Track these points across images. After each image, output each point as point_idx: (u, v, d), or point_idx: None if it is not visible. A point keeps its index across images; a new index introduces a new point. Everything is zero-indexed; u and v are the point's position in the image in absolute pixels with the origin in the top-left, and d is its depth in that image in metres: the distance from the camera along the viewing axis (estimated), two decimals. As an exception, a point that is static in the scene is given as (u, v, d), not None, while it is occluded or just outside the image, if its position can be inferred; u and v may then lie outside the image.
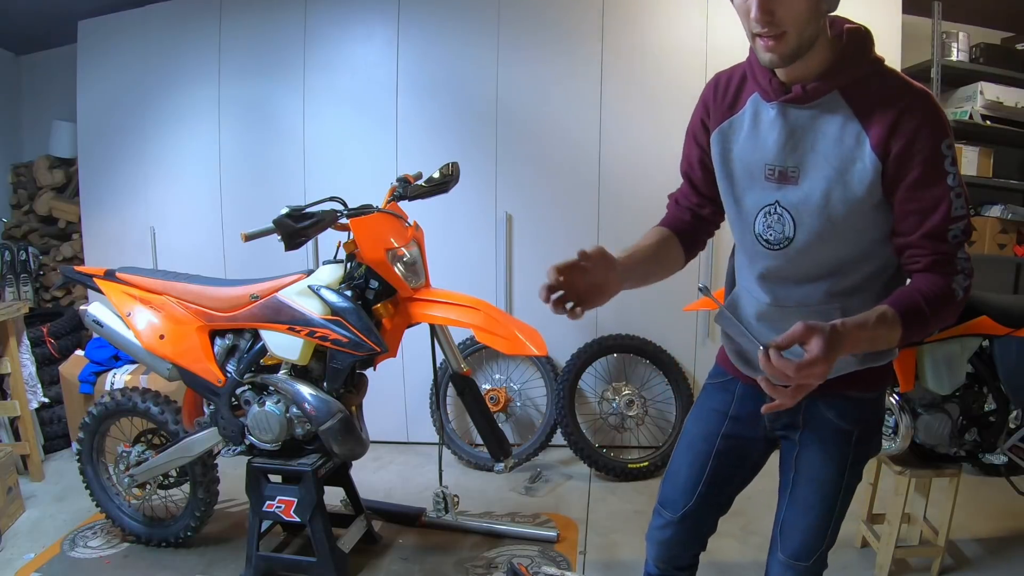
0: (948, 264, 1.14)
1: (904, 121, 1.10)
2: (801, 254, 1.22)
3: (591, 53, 3.26)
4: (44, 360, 3.39)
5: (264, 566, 2.24)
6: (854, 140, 1.14)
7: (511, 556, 2.44)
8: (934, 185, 1.11)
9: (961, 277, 1.14)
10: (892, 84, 1.15)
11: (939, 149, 1.10)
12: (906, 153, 1.10)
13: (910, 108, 1.11)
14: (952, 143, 1.11)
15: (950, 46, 3.37)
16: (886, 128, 1.11)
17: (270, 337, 2.16)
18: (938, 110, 1.12)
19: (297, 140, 3.41)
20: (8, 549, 2.50)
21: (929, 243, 1.14)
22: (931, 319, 1.11)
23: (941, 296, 1.12)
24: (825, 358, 0.99)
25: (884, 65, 1.17)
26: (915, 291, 1.13)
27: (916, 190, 1.12)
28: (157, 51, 3.53)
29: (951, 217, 1.12)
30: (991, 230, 3.42)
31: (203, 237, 3.54)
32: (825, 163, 1.16)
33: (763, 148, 1.22)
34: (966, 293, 1.14)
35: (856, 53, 1.15)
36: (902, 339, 1.10)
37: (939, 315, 1.13)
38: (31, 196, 4.13)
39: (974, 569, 2.37)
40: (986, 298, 2.09)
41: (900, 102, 1.11)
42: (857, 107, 1.14)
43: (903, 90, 1.13)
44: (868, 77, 1.15)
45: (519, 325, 2.20)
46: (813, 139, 1.17)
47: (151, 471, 2.38)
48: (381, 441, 3.38)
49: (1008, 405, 2.14)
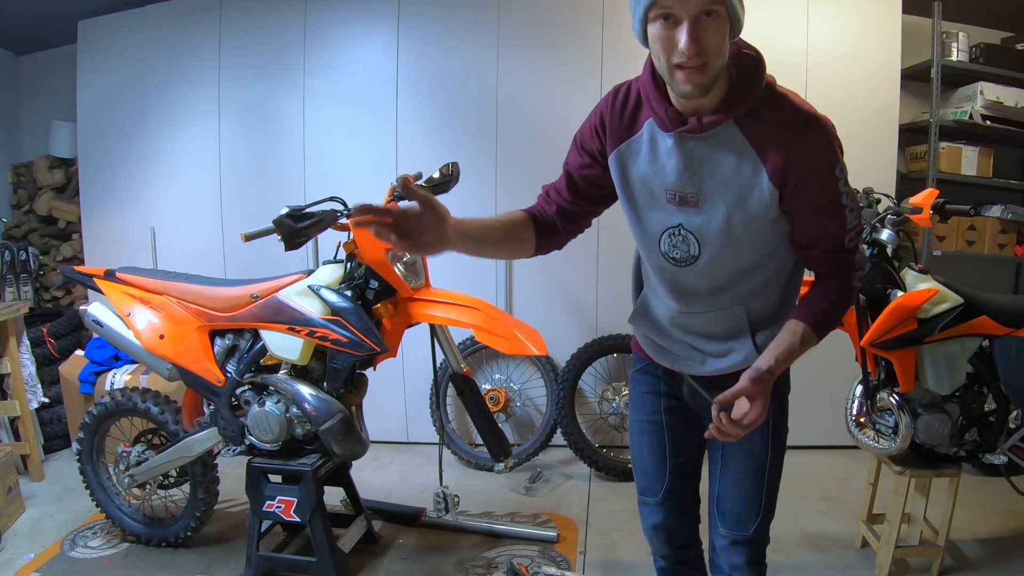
0: (848, 267, 1.26)
1: (799, 153, 1.15)
2: (707, 268, 1.27)
3: (591, 53, 3.26)
4: (44, 360, 3.39)
5: (264, 566, 2.23)
6: (751, 170, 1.17)
7: (511, 556, 2.44)
8: (831, 208, 1.19)
9: (859, 272, 1.27)
10: (786, 114, 1.17)
11: (833, 174, 1.17)
12: (802, 182, 1.16)
13: (805, 140, 1.15)
14: (843, 165, 1.18)
15: (950, 46, 3.37)
16: (782, 160, 1.15)
17: (270, 337, 2.16)
18: (829, 137, 1.16)
19: (297, 140, 3.41)
20: (8, 549, 2.50)
21: (832, 256, 1.25)
22: (837, 319, 1.27)
23: (844, 296, 1.27)
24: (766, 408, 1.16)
25: (776, 90, 1.19)
26: (822, 299, 1.26)
27: (815, 214, 1.20)
28: (157, 51, 3.53)
29: (849, 229, 1.22)
30: (991, 230, 3.42)
31: (203, 237, 3.53)
32: (725, 190, 1.20)
33: (663, 173, 1.23)
34: (862, 281, 1.31)
35: (748, 82, 1.16)
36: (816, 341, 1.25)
37: (843, 311, 1.29)
38: (31, 196, 4.12)
39: (974, 569, 2.36)
40: (986, 298, 2.09)
41: (794, 134, 1.15)
42: (752, 138, 1.16)
43: (796, 120, 1.16)
44: (762, 106, 1.16)
45: (519, 325, 2.20)
46: (711, 168, 1.19)
47: (151, 471, 2.38)
48: (381, 441, 3.38)
49: (1008, 405, 2.14)
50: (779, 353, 1.21)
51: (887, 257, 2.13)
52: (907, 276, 2.12)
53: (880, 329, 2.02)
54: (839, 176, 1.18)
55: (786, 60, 3.21)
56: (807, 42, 3.20)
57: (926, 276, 2.11)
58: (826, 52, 3.21)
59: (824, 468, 3.22)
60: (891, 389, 2.12)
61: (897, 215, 2.10)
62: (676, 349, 1.41)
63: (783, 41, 3.21)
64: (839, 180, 1.18)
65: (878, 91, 3.23)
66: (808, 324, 1.23)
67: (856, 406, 2.24)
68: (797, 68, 3.20)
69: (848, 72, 3.22)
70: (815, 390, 3.34)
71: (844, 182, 1.19)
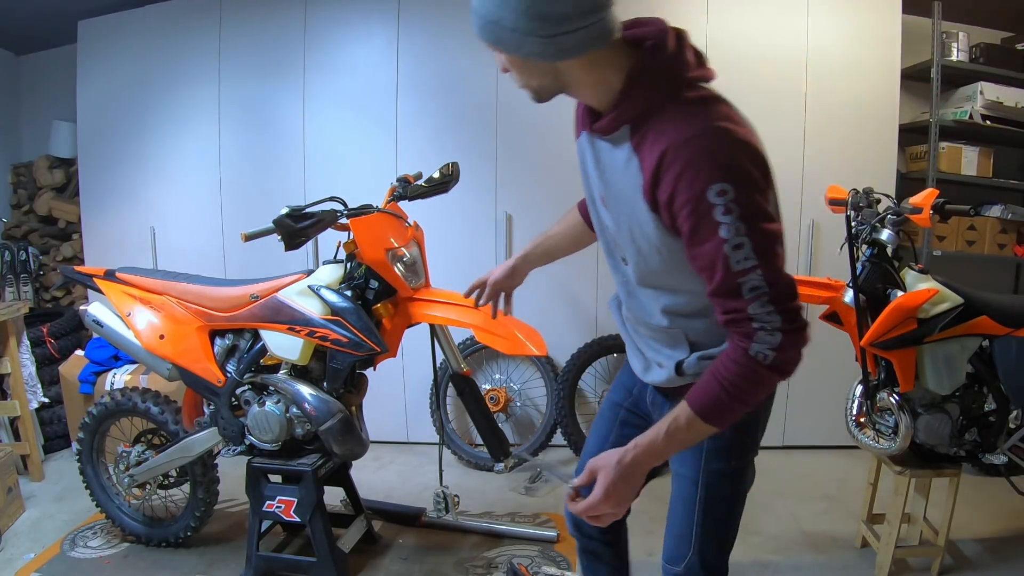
0: (743, 324, 1.00)
1: (663, 169, 0.99)
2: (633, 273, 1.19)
3: (591, 53, 3.26)
4: (44, 360, 3.39)
5: (264, 566, 2.23)
6: (634, 181, 1.06)
7: (511, 556, 2.44)
8: (706, 239, 0.98)
9: (763, 335, 0.99)
10: (668, 118, 1.01)
11: (705, 198, 0.95)
12: (670, 204, 1.00)
13: (671, 153, 0.98)
14: (728, 187, 0.95)
15: (950, 46, 3.37)
16: (651, 174, 1.01)
17: (270, 337, 2.16)
18: (706, 151, 0.97)
19: (297, 140, 3.41)
20: (8, 549, 2.50)
21: (719, 301, 1.02)
22: (735, 399, 1.02)
23: (739, 369, 1.01)
24: (606, 498, 1.07)
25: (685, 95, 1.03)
26: (713, 374, 1.04)
27: (691, 245, 1.01)
28: (157, 51, 3.53)
29: (734, 272, 0.98)
30: (991, 230, 3.42)
31: (203, 237, 3.54)
32: (621, 196, 1.11)
33: (587, 171, 1.21)
34: (782, 352, 1.00)
35: (635, 82, 1.03)
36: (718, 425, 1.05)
37: (744, 390, 1.02)
38: (31, 196, 4.13)
39: (974, 569, 2.37)
40: (986, 298, 2.09)
41: (666, 143, 0.99)
42: (637, 146, 1.04)
43: (674, 127, 1.00)
44: (658, 112, 1.03)
45: (519, 325, 2.20)
46: (612, 172, 1.12)
47: (151, 471, 2.38)
48: (381, 441, 3.38)
49: (1008, 405, 2.14)
50: (639, 440, 1.07)
51: (887, 257, 2.13)
52: (907, 276, 2.12)
53: (880, 329, 2.02)
54: (715, 201, 0.95)
55: (786, 60, 3.21)
56: (807, 42, 3.21)
57: (926, 276, 2.11)
58: (826, 52, 3.21)
59: (824, 468, 3.22)
60: (891, 389, 2.13)
61: (897, 215, 2.10)
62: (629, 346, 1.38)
63: (783, 41, 3.21)
64: (716, 206, 0.95)
65: (878, 91, 3.23)
66: (690, 405, 1.04)
67: (856, 406, 2.24)
68: (797, 68, 3.21)
69: (848, 72, 3.22)
70: (815, 390, 3.34)
71: (725, 209, 0.95)
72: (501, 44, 1.02)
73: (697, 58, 1.07)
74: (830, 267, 3.11)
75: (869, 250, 2.14)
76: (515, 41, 1.00)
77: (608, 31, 1.00)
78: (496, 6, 0.97)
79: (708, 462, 1.26)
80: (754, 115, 1.13)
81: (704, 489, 1.27)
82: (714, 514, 1.29)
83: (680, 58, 1.04)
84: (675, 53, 1.04)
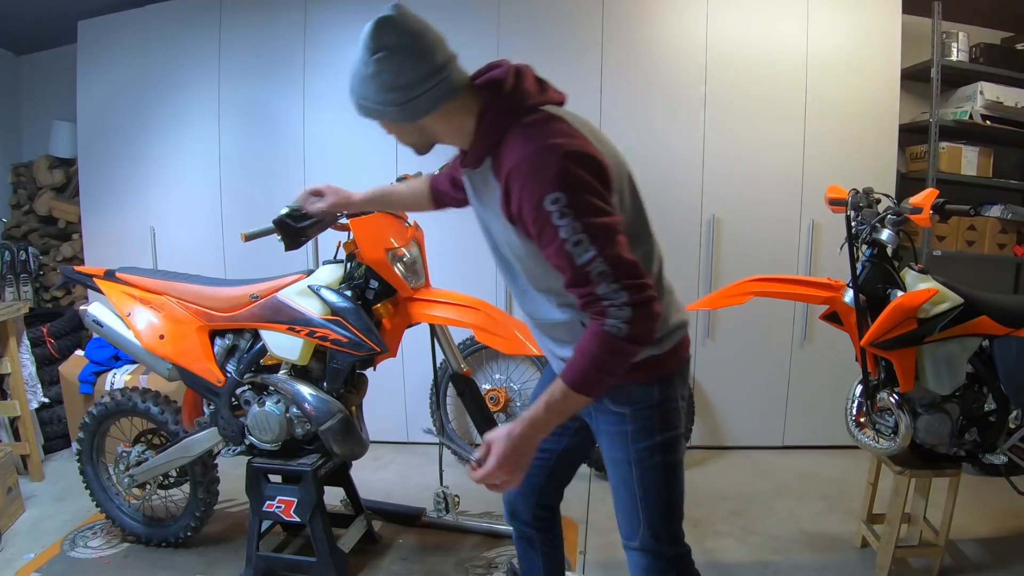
0: (595, 304, 1.15)
1: (510, 187, 1.17)
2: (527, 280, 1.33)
3: (591, 53, 3.26)
4: (44, 360, 3.39)
5: (264, 566, 2.24)
6: (497, 202, 1.23)
7: (511, 556, 2.43)
8: (551, 242, 1.14)
9: (614, 310, 1.13)
10: (511, 143, 1.19)
11: (543, 207, 1.12)
12: (520, 216, 1.18)
13: (513, 172, 1.16)
14: (560, 195, 1.11)
15: (950, 46, 3.37)
16: (503, 193, 1.19)
17: (270, 337, 2.16)
18: (538, 167, 1.13)
19: (297, 140, 3.41)
20: (8, 549, 2.50)
21: (574, 291, 1.17)
22: (600, 371, 1.16)
23: (599, 343, 1.15)
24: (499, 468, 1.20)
25: (523, 120, 1.20)
26: (579, 350, 1.18)
27: (542, 248, 1.18)
28: (157, 51, 3.53)
29: (579, 264, 1.13)
30: (991, 230, 3.42)
31: (203, 237, 3.54)
32: (495, 218, 1.28)
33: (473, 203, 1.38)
34: (633, 324, 1.13)
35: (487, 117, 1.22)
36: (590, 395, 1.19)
37: (607, 361, 1.15)
38: (31, 196, 4.13)
39: (974, 569, 2.36)
40: (986, 298, 2.09)
41: (510, 165, 1.17)
42: (496, 170, 1.23)
43: (514, 149, 1.17)
44: (503, 136, 1.20)
45: (519, 325, 2.20)
46: (486, 199, 1.29)
47: (151, 471, 2.38)
48: (381, 441, 3.38)
49: (1008, 405, 2.14)
50: (525, 414, 1.22)
51: (887, 257, 2.13)
52: (907, 276, 2.12)
53: (880, 329, 2.02)
54: (550, 208, 1.12)
55: (786, 60, 3.21)
56: (807, 42, 3.20)
57: (926, 276, 2.11)
58: (826, 52, 3.21)
59: (824, 468, 3.22)
60: (891, 389, 2.12)
61: (897, 215, 2.10)
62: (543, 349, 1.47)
63: (783, 41, 3.21)
64: (551, 213, 1.12)
65: (878, 91, 3.23)
66: (563, 378, 1.19)
67: (856, 406, 2.24)
68: (797, 68, 3.21)
69: (848, 72, 3.22)
70: (815, 390, 3.35)
71: (560, 213, 1.12)
72: (372, 116, 1.25)
73: (539, 86, 1.27)
74: (830, 267, 3.11)
75: (869, 250, 2.14)
76: (380, 112, 1.23)
77: (455, 85, 1.21)
78: (360, 87, 1.22)
79: (635, 442, 1.38)
80: (754, 115, 1.14)
81: (637, 466, 1.38)
82: (652, 487, 1.40)
83: (519, 89, 1.22)
84: (513, 87, 1.22)
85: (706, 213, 3.24)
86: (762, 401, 3.42)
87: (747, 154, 3.23)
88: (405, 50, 1.18)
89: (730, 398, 3.44)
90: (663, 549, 1.43)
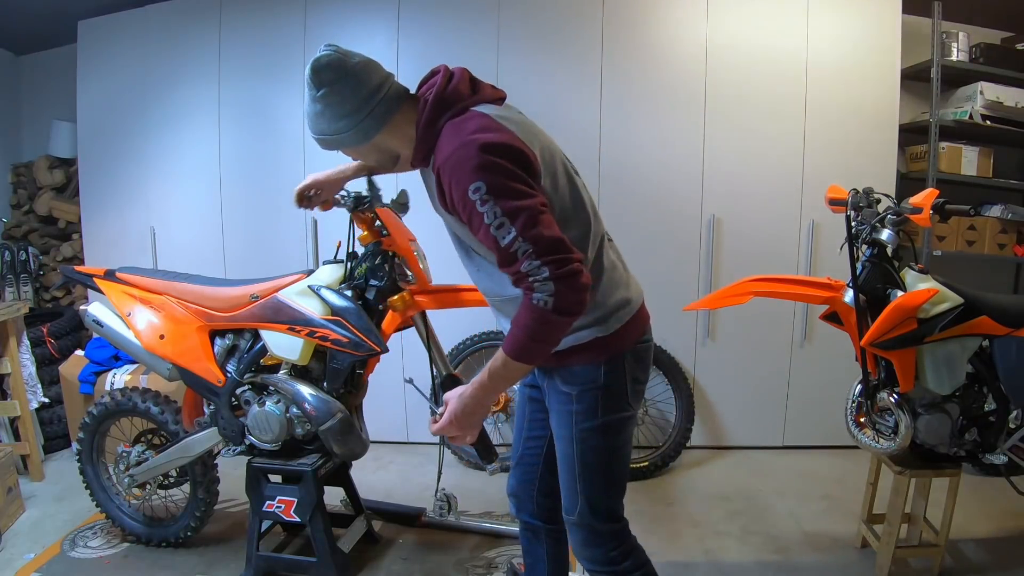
0: (523, 280, 1.25)
1: (442, 181, 1.29)
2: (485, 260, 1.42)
3: (591, 53, 3.26)
4: (44, 360, 3.39)
5: (264, 566, 2.24)
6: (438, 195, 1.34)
7: (511, 556, 2.44)
8: (479, 227, 1.26)
9: (539, 284, 1.23)
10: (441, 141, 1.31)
11: (467, 196, 1.24)
12: (453, 207, 1.30)
13: (443, 167, 1.28)
14: (481, 184, 1.22)
15: (950, 46, 3.37)
16: (438, 186, 1.31)
17: (270, 337, 2.16)
18: (460, 160, 1.25)
19: (297, 140, 3.41)
20: (8, 549, 2.50)
21: (505, 271, 1.28)
22: (534, 341, 1.27)
23: (530, 316, 1.25)
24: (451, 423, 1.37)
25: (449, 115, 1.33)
26: (514, 323, 1.29)
27: (474, 234, 1.29)
28: (157, 51, 3.53)
29: (504, 246, 1.24)
30: (991, 230, 3.42)
31: (203, 237, 3.53)
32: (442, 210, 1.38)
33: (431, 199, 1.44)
34: (559, 297, 1.22)
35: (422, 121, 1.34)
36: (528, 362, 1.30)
37: (539, 332, 1.26)
38: (31, 196, 4.13)
39: (974, 569, 2.36)
40: (986, 298, 2.09)
41: (440, 161, 1.29)
42: (434, 167, 1.33)
43: (442, 146, 1.30)
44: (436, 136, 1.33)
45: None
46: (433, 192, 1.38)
47: (151, 471, 2.38)
48: (381, 441, 3.38)
49: (1008, 405, 2.14)
50: (475, 379, 1.35)
51: (887, 257, 2.13)
52: (907, 276, 2.12)
53: (880, 329, 2.02)
54: (473, 197, 1.23)
55: (786, 60, 3.21)
56: (807, 42, 3.21)
57: (926, 276, 2.11)
58: (826, 52, 3.21)
59: (824, 468, 3.22)
60: (891, 389, 2.12)
61: (897, 215, 2.10)
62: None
63: (783, 41, 3.21)
64: (474, 201, 1.23)
65: (878, 91, 3.23)
66: (503, 348, 1.30)
67: (856, 406, 2.24)
68: (797, 68, 3.21)
69: (848, 72, 3.22)
70: (815, 390, 3.35)
71: (482, 200, 1.23)
72: (333, 146, 1.38)
73: (472, 87, 1.38)
74: (830, 267, 3.11)
75: (869, 250, 2.14)
76: (337, 141, 1.36)
77: (394, 99, 1.35)
78: (315, 124, 1.36)
79: (578, 423, 1.46)
80: (754, 115, 1.14)
81: (578, 445, 1.47)
82: (592, 465, 1.48)
83: (449, 92, 1.34)
84: (445, 90, 1.34)
85: (706, 213, 3.24)
86: (762, 401, 3.42)
87: (747, 154, 3.24)
88: (342, 81, 1.31)
89: (730, 398, 3.44)
90: (599, 525, 1.51)
